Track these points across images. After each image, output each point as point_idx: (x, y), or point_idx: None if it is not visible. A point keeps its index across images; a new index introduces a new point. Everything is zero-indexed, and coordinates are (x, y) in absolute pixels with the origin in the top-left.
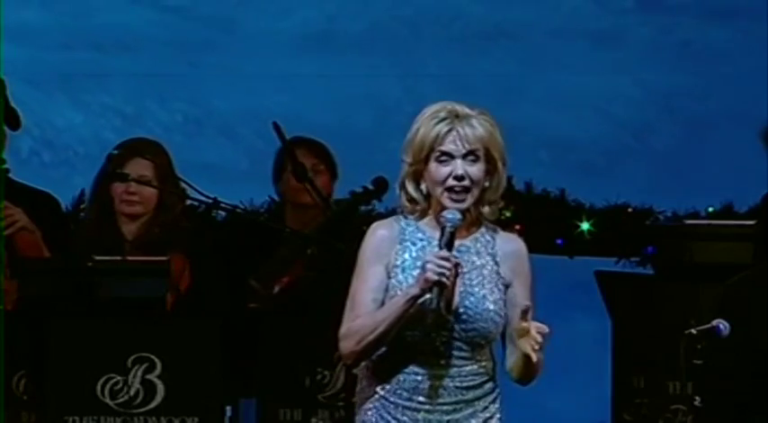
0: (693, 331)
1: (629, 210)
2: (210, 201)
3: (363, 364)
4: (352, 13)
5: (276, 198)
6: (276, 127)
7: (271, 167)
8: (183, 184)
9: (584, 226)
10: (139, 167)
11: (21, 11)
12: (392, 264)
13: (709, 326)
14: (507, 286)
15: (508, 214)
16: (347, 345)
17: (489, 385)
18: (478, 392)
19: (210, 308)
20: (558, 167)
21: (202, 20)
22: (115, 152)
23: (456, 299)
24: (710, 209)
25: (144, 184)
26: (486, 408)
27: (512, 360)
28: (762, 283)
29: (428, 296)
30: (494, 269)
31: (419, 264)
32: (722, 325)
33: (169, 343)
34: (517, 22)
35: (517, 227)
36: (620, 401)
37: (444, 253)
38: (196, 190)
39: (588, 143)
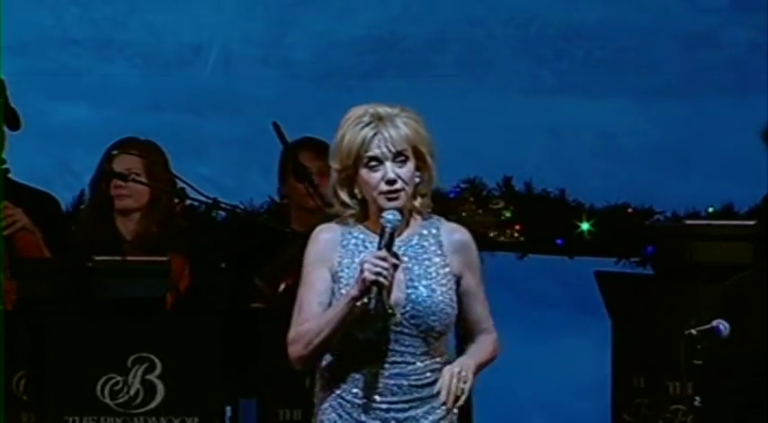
0: (693, 331)
1: (629, 210)
2: (210, 201)
3: (323, 363)
4: (417, 14)
5: (276, 199)
6: (276, 127)
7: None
8: (183, 184)
9: (584, 226)
10: (127, 163)
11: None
12: (335, 267)
13: (708, 326)
14: (458, 278)
15: (508, 214)
16: (295, 349)
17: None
18: (432, 391)
19: (210, 308)
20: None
21: None
22: (110, 151)
23: (400, 296)
24: (710, 209)
25: (130, 179)
26: (441, 405)
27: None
28: (762, 284)
29: (366, 298)
30: (441, 261)
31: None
32: (722, 325)
33: (169, 343)
34: (599, 23)
35: (517, 227)
36: (620, 401)
37: (382, 253)
38: (196, 190)
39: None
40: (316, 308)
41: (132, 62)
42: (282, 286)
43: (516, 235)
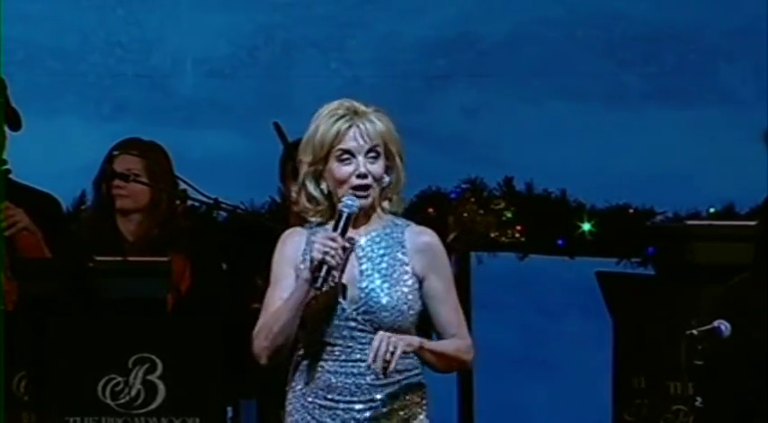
0: (694, 332)
1: (630, 210)
2: (211, 201)
3: (292, 366)
4: (491, 13)
5: (277, 199)
6: (277, 127)
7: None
8: (184, 185)
9: (586, 226)
10: (127, 163)
11: None
12: (299, 267)
13: (710, 326)
14: (421, 280)
15: (509, 215)
16: (257, 343)
17: (409, 382)
18: (395, 390)
19: (211, 308)
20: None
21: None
22: (111, 151)
23: (354, 291)
24: (711, 209)
25: (130, 180)
26: (406, 406)
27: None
28: (762, 284)
29: (314, 278)
30: (401, 260)
31: None
32: (723, 325)
33: (170, 344)
34: (687, 24)
35: (518, 227)
36: (621, 402)
37: (332, 234)
38: (197, 190)
39: None
40: (279, 304)
41: (182, 67)
42: None
43: (517, 235)
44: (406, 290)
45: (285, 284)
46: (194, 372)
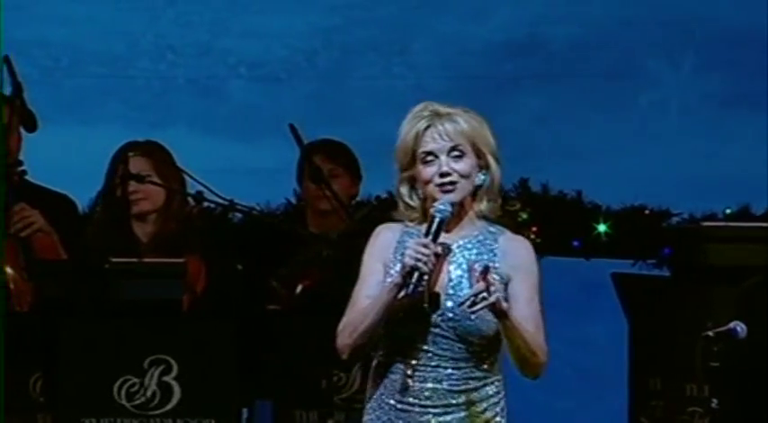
0: (710, 333)
1: (646, 211)
2: (227, 202)
3: (373, 364)
4: (561, 14)
5: (293, 200)
6: (293, 129)
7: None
8: (199, 186)
9: (601, 228)
10: (138, 165)
11: None
12: (389, 265)
13: (725, 328)
14: (507, 284)
15: (525, 216)
16: (341, 338)
17: (488, 390)
18: (473, 397)
19: (226, 309)
20: None
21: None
22: (120, 153)
23: (442, 297)
24: (727, 211)
25: (146, 181)
26: (480, 414)
27: (508, 352)
28: None
29: (405, 283)
30: (492, 267)
31: None
32: (739, 327)
33: (185, 345)
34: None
35: (534, 228)
36: (637, 404)
37: (425, 240)
38: (213, 191)
39: None
40: (365, 301)
41: (236, 71)
42: (299, 288)
43: (533, 236)
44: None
45: (372, 281)
46: (210, 373)
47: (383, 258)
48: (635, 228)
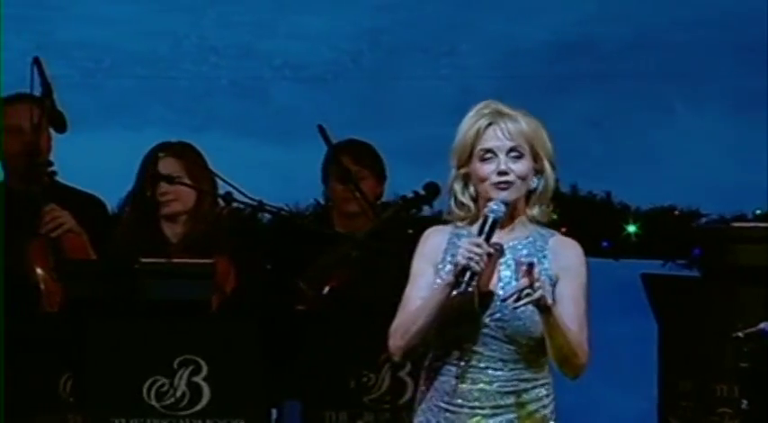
0: (740, 334)
1: (676, 212)
2: (255, 203)
3: (424, 366)
4: (614, 14)
5: (321, 201)
6: (321, 130)
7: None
8: (228, 187)
9: (631, 228)
10: (169, 166)
11: None
12: (439, 266)
13: (755, 329)
14: (555, 284)
15: (554, 217)
16: (393, 341)
17: (537, 392)
18: (523, 398)
19: (255, 310)
20: None
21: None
22: (151, 154)
23: (493, 293)
24: (757, 211)
25: (176, 182)
26: (530, 415)
27: (549, 350)
28: None
29: (457, 283)
30: (540, 270)
31: None
32: None
33: (215, 345)
34: None
35: (563, 229)
36: (667, 405)
37: (477, 240)
38: (241, 192)
39: None
40: (418, 302)
41: (280, 73)
42: (327, 289)
43: None
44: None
45: (423, 283)
46: (239, 373)
47: (433, 260)
48: (665, 228)
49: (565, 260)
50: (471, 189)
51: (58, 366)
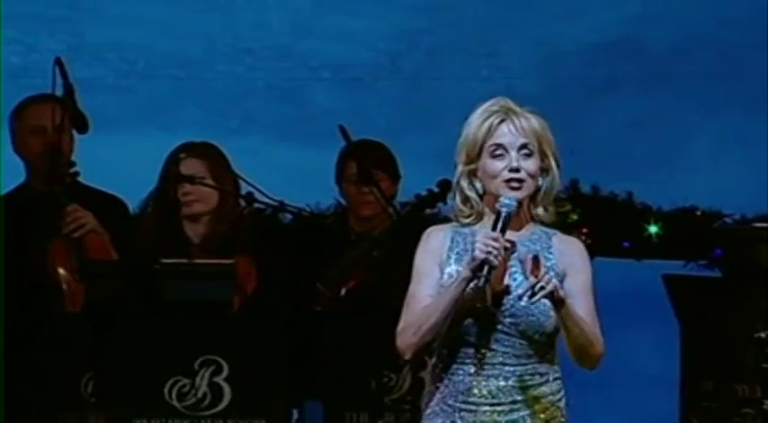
0: (762, 335)
1: (698, 212)
2: (276, 203)
3: (428, 368)
4: (660, 14)
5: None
6: (342, 131)
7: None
8: (248, 187)
9: (652, 229)
10: (192, 166)
11: None
12: (444, 265)
13: None
14: (562, 280)
15: (575, 217)
16: (404, 338)
17: (551, 387)
18: (538, 392)
19: (276, 310)
20: None
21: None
22: (174, 155)
23: (504, 290)
24: None
25: (197, 182)
26: (546, 409)
27: (566, 343)
28: None
29: (476, 277)
30: (547, 266)
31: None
32: None
33: (236, 346)
34: None
35: (584, 229)
36: (689, 405)
37: (494, 234)
38: (262, 192)
39: None
40: (427, 300)
41: (318, 74)
42: (344, 290)
43: (583, 237)
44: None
45: (429, 281)
46: (260, 373)
47: (438, 259)
48: (686, 229)
49: (569, 257)
50: (478, 185)
51: (79, 366)
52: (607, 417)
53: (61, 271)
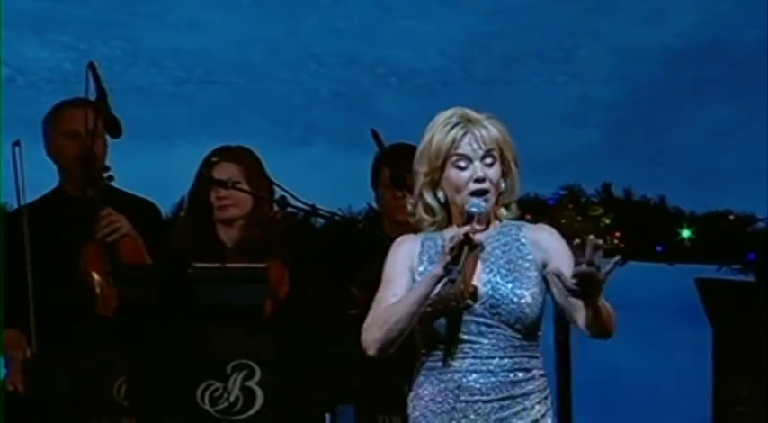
0: None
1: (731, 216)
2: (309, 208)
3: (416, 370)
4: (749, 16)
5: (375, 206)
6: (374, 135)
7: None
8: (283, 192)
9: (685, 233)
10: (227, 171)
11: None
12: (415, 272)
13: None
14: (544, 265)
15: (608, 221)
16: (368, 335)
17: (538, 383)
18: (527, 388)
19: (309, 314)
20: None
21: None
22: (208, 159)
23: (479, 286)
24: None
25: (230, 187)
26: (534, 406)
27: (581, 316)
28: None
29: (449, 276)
30: (521, 253)
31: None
32: None
33: (268, 350)
34: None
35: (617, 234)
36: (722, 410)
37: (468, 229)
38: (295, 197)
39: None
40: (392, 299)
41: (386, 82)
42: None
43: (616, 242)
44: (529, 282)
45: (399, 283)
46: (292, 378)
47: (408, 264)
48: (719, 233)
49: (549, 244)
50: (440, 195)
51: (112, 370)
52: (638, 419)
53: (95, 275)
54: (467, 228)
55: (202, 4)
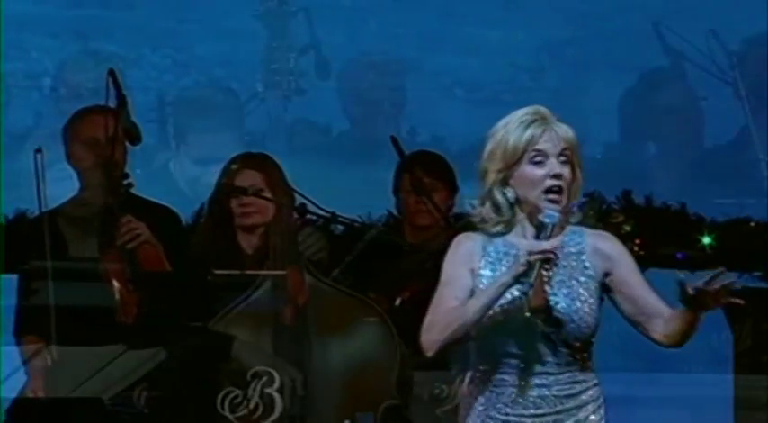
0: None
1: (752, 223)
2: (328, 214)
3: (467, 379)
4: None
5: (395, 213)
6: (394, 142)
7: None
8: (302, 198)
9: (706, 240)
10: (248, 178)
11: None
12: (476, 271)
13: None
14: (606, 274)
15: (628, 228)
16: (429, 337)
17: (591, 393)
18: (580, 400)
19: (327, 322)
20: None
21: None
22: (229, 166)
23: (537, 298)
24: None
25: (250, 194)
26: (588, 417)
27: (660, 323)
28: None
29: (519, 286)
30: (582, 267)
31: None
32: None
33: (288, 357)
34: None
35: (637, 241)
36: (743, 416)
37: (540, 243)
38: (314, 203)
39: None
40: (453, 302)
41: (451, 92)
42: (399, 300)
43: (636, 249)
44: (590, 299)
45: (460, 284)
46: (312, 384)
47: (469, 264)
48: (740, 240)
49: (611, 250)
50: (509, 193)
51: (132, 377)
52: (660, 421)
53: (115, 282)
54: (548, 244)
55: (254, 13)
